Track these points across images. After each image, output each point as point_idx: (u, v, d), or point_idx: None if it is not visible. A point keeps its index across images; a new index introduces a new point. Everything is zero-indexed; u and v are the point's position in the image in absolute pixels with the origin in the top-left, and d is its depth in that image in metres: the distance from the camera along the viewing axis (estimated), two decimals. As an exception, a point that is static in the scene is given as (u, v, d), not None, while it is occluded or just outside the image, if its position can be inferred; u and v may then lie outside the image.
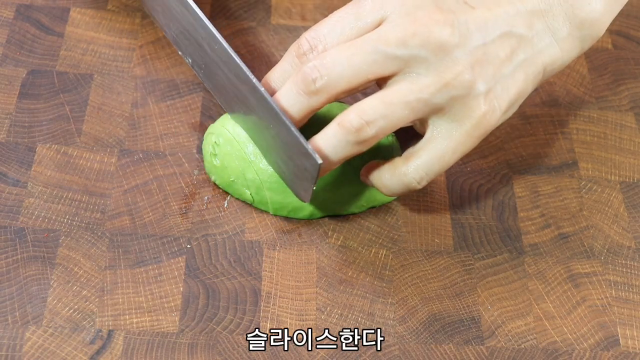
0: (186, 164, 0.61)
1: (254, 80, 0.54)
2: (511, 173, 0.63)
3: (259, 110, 0.55)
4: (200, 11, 0.56)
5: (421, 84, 0.52)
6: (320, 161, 0.52)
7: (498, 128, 0.65)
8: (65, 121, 0.62)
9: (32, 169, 0.60)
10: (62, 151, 0.61)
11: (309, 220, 0.60)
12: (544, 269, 0.59)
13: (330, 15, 0.55)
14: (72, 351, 0.53)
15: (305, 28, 0.69)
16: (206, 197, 0.60)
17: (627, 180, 0.64)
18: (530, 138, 0.65)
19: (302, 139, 0.53)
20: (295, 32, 0.69)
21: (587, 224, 0.62)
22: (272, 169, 0.58)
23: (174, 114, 0.63)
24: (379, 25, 0.53)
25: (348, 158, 0.54)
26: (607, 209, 0.62)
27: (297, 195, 0.57)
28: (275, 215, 0.60)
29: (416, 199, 0.61)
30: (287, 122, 0.53)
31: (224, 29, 0.68)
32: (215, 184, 0.60)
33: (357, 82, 0.53)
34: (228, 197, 0.60)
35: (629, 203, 0.63)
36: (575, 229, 0.61)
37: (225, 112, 0.63)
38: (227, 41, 0.68)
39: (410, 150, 0.55)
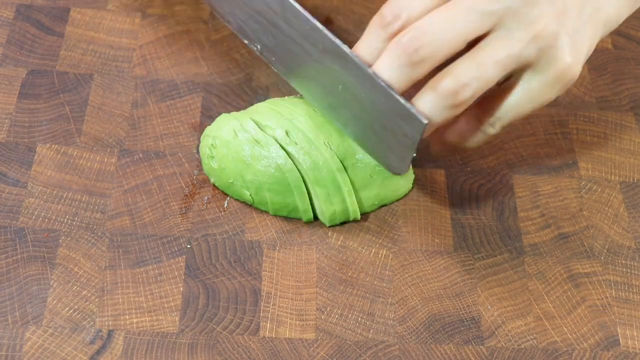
0: (186, 164, 0.61)
1: (345, 48, 0.53)
2: (511, 173, 0.63)
3: (348, 82, 0.54)
4: None
5: (512, 39, 0.52)
6: (425, 121, 0.51)
7: (498, 128, 0.65)
8: (65, 121, 0.62)
9: (32, 169, 0.60)
10: (62, 151, 0.61)
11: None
12: (544, 269, 0.59)
13: None
14: (72, 351, 0.53)
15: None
16: (206, 197, 0.60)
17: (627, 180, 0.64)
18: (530, 138, 0.65)
19: (403, 100, 0.52)
20: (295, 32, 0.69)
21: (587, 224, 0.62)
22: (271, 170, 0.58)
23: (174, 114, 0.64)
24: None
25: (443, 123, 0.54)
26: (607, 209, 0.62)
27: (389, 167, 0.56)
28: (275, 215, 0.60)
29: (416, 199, 0.61)
30: (385, 86, 0.52)
31: (224, 29, 0.68)
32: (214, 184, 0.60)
33: (458, 45, 0.52)
34: (228, 197, 0.60)
35: (629, 203, 0.63)
36: (575, 229, 0.61)
37: (221, 114, 0.62)
38: (227, 41, 0.68)
39: (487, 96, 0.55)
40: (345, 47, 0.53)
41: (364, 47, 0.55)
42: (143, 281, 0.56)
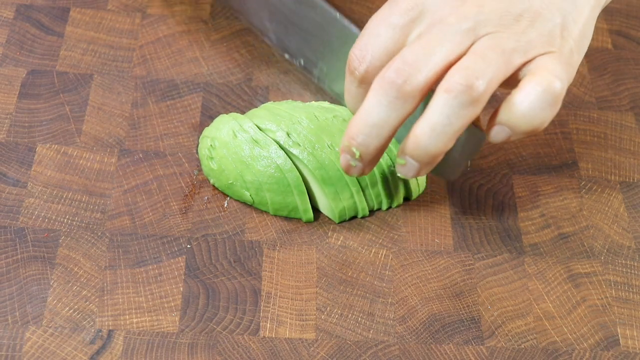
0: (186, 164, 0.61)
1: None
2: (511, 173, 0.63)
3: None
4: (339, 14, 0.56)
5: (501, 38, 0.51)
6: (485, 134, 0.52)
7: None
8: (65, 121, 0.62)
9: (32, 169, 0.60)
10: (62, 151, 0.61)
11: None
12: (544, 269, 0.59)
13: (369, 22, 0.53)
14: (72, 351, 0.53)
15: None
16: (206, 197, 0.60)
17: (627, 180, 0.64)
18: (530, 138, 0.65)
19: None
20: (295, 32, 0.69)
21: (587, 224, 0.62)
22: (271, 170, 0.58)
23: (174, 114, 0.64)
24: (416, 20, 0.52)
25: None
26: (607, 209, 0.62)
27: (441, 173, 0.57)
28: (275, 215, 0.60)
29: (416, 198, 0.61)
30: None
31: (224, 29, 0.69)
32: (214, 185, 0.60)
33: (444, 67, 0.51)
34: (228, 197, 0.60)
35: (629, 203, 0.63)
36: (575, 229, 0.61)
37: (220, 115, 0.62)
38: (227, 41, 0.68)
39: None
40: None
41: (347, 97, 0.54)
42: (143, 281, 0.56)
